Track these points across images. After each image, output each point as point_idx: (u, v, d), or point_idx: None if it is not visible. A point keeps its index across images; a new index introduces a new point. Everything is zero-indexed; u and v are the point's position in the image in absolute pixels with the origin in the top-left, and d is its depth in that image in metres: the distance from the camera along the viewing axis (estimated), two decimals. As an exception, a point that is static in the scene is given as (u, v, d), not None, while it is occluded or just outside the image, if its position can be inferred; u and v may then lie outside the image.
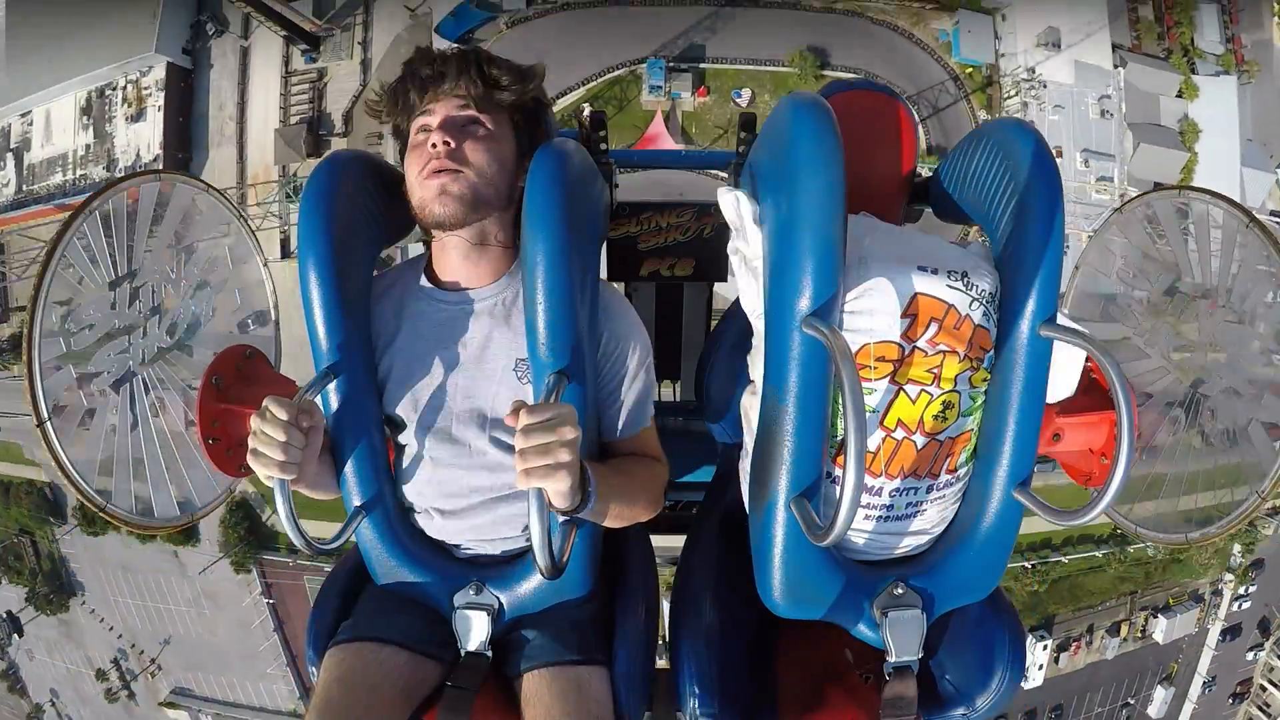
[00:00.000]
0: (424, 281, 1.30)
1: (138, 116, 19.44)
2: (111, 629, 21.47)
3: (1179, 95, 19.08)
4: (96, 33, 18.94)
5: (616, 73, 20.14)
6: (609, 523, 1.21)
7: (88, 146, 19.31)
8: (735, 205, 1.16)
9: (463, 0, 19.76)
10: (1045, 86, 18.88)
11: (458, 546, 1.30)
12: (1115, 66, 19.00)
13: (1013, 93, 19.24)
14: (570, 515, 1.07)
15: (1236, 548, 20.25)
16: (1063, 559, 19.76)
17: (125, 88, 19.63)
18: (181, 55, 19.94)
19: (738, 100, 19.27)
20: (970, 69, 19.60)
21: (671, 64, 20.04)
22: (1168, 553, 19.79)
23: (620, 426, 1.29)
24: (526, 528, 1.08)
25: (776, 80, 19.18)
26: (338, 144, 18.56)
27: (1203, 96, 18.77)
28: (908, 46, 19.86)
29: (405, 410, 1.26)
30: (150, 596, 20.88)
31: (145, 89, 19.53)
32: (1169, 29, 19.81)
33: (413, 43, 18.60)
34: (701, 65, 20.11)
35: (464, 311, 1.27)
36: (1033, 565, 19.42)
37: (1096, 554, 19.93)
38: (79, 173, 19.13)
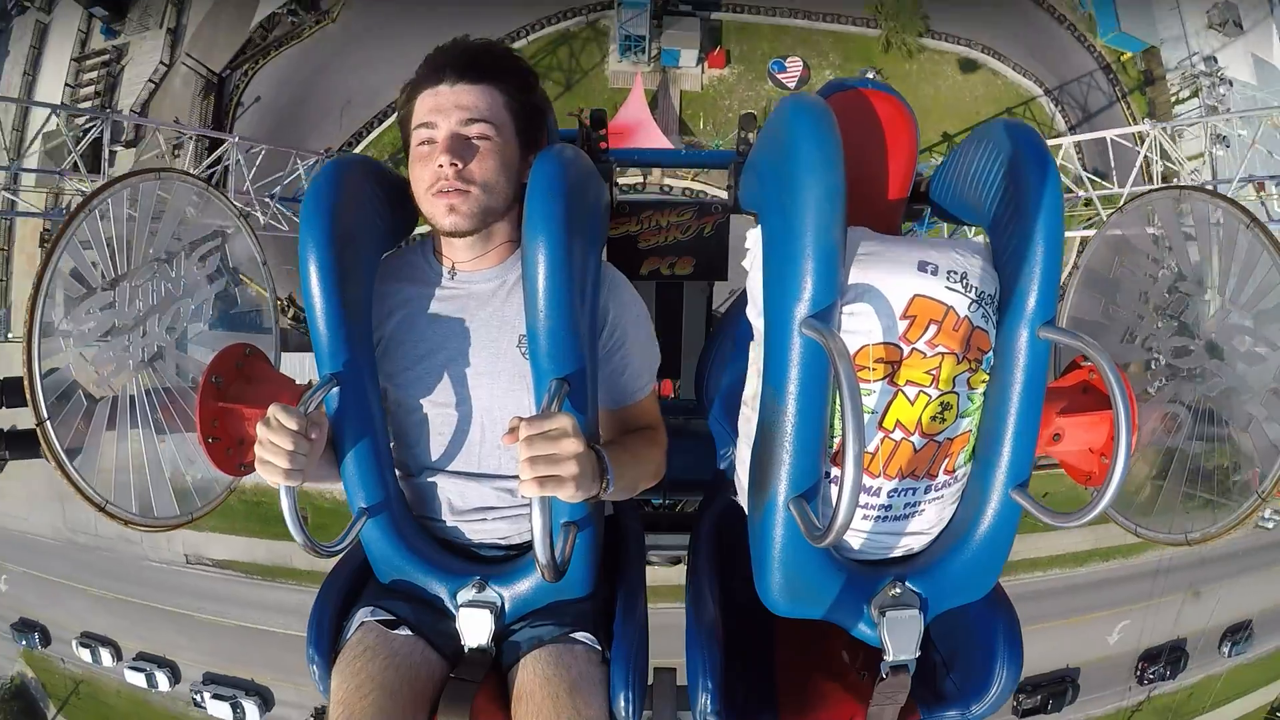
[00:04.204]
0: (431, 263, 1.33)
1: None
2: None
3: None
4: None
5: (565, 24, 12.44)
6: (618, 497, 1.23)
7: None
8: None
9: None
10: (1230, 85, 12.89)
11: (460, 534, 1.31)
12: (1288, 68, 13.31)
13: (1186, 93, 13.28)
14: (590, 500, 1.09)
15: None
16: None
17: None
18: (-25, 40, 14.72)
19: (779, 76, 11.42)
20: (1125, 55, 13.71)
21: (667, 2, 12.05)
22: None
23: (621, 396, 1.32)
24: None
25: (843, 46, 11.91)
26: (122, 160, 11.97)
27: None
28: (1041, 18, 13.99)
29: (414, 393, 1.28)
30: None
31: (-80, 84, 14.20)
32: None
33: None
34: (714, 15, 12.35)
35: (471, 291, 1.29)
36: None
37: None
38: None
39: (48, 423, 1.56)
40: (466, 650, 1.25)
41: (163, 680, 17.34)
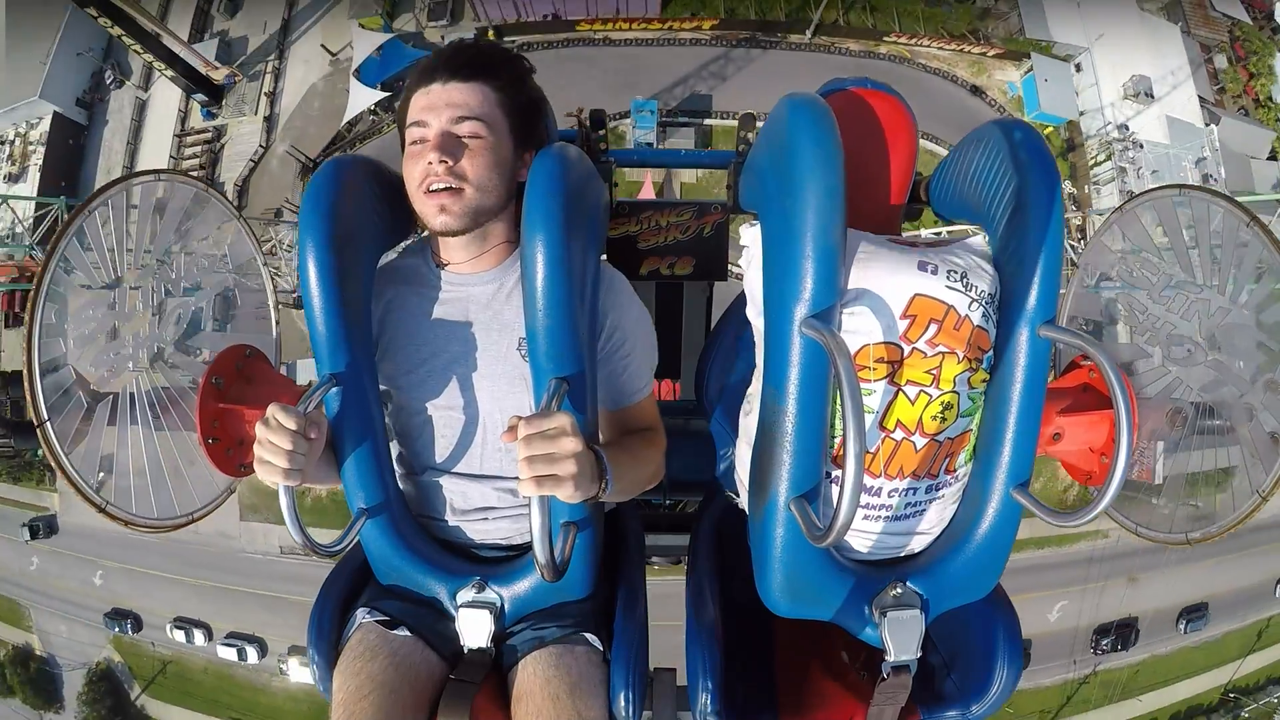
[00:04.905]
0: (430, 265, 1.32)
1: (18, 176, 15.96)
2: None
3: (1271, 157, 16.34)
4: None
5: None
6: (618, 498, 1.22)
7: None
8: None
9: (392, 37, 16.33)
10: (1141, 148, 15.16)
11: (462, 534, 1.31)
12: (1206, 124, 15.91)
13: (1102, 157, 15.77)
14: (589, 501, 1.08)
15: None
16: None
17: (14, 141, 16.30)
18: (75, 107, 16.80)
19: (760, 170, 14.60)
20: (1049, 129, 16.17)
21: (667, 115, 16.09)
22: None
23: (620, 397, 1.31)
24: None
25: (810, 143, 15.62)
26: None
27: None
28: (974, 104, 16.42)
29: (416, 396, 1.28)
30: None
31: (31, 145, 16.24)
32: (1247, 81, 17.24)
33: (330, 94, 16.67)
34: (707, 122, 16.38)
35: (469, 294, 1.29)
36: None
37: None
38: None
39: (48, 423, 1.56)
40: (466, 651, 1.25)
41: (252, 654, 19.19)
